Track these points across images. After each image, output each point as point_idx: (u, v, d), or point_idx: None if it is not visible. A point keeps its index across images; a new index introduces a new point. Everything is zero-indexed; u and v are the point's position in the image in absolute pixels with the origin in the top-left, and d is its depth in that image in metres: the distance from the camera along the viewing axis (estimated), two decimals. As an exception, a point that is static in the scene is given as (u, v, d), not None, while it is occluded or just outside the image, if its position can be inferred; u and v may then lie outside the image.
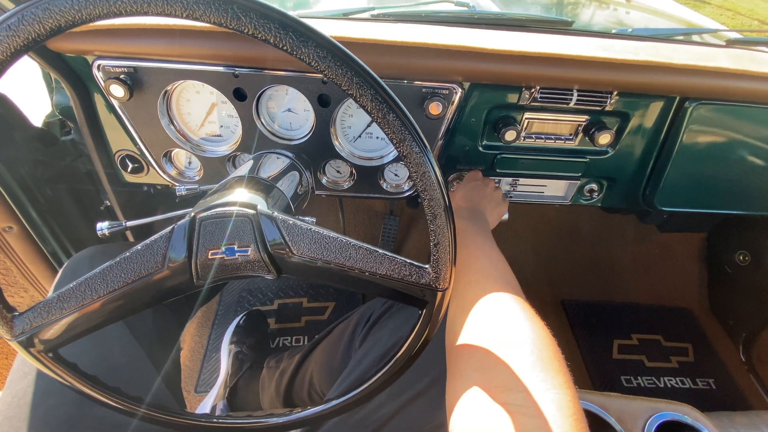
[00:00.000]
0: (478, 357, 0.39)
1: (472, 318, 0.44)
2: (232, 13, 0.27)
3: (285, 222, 0.41)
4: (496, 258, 0.53)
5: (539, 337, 0.39)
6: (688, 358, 1.26)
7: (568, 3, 1.46)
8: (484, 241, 0.57)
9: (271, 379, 0.86)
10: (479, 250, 0.54)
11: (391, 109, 0.32)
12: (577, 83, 0.64)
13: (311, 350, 0.81)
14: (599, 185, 0.83)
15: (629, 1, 1.54)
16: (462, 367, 0.40)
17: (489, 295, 0.45)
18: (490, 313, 0.43)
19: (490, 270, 0.50)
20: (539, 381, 0.34)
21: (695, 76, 0.61)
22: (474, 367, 0.38)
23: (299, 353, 0.84)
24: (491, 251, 0.55)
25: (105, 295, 0.40)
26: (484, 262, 0.52)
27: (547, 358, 0.36)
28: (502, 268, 0.52)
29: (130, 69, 0.61)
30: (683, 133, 0.70)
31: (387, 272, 0.40)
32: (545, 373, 0.35)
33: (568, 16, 1.26)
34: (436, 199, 0.35)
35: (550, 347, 0.38)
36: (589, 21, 1.20)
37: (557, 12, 1.29)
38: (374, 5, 0.78)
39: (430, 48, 0.60)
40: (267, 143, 0.70)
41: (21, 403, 0.46)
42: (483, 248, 0.55)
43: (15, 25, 0.28)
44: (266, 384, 0.87)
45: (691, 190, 0.79)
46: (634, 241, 1.47)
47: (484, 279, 0.48)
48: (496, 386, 0.35)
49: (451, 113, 0.67)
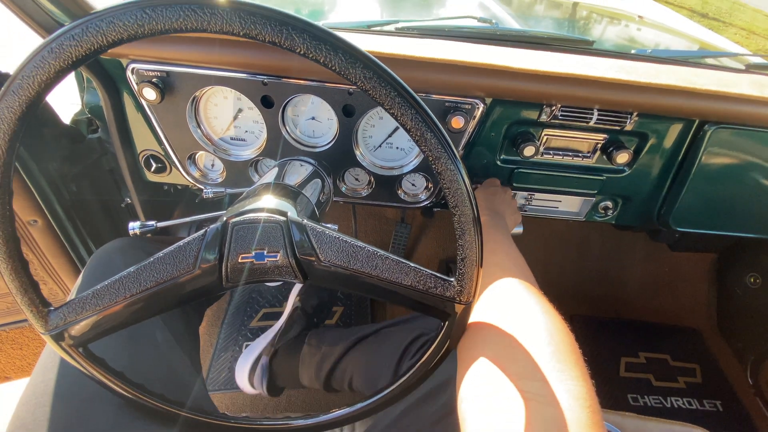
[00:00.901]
0: (493, 344, 0.39)
1: (489, 307, 0.44)
2: (286, 34, 0.29)
3: (314, 229, 0.43)
4: (514, 254, 0.54)
5: (557, 330, 0.38)
6: (695, 379, 1.25)
7: (585, 21, 1.48)
8: (503, 237, 0.58)
9: (311, 357, 0.87)
10: (498, 245, 0.55)
11: (430, 128, 0.33)
12: (598, 103, 0.65)
13: (354, 344, 0.82)
14: (614, 203, 0.84)
15: (642, 19, 1.56)
16: (475, 354, 0.39)
17: (506, 288, 0.45)
18: (507, 304, 0.44)
19: (509, 264, 0.51)
20: (556, 371, 0.33)
21: (717, 101, 0.62)
22: (489, 354, 0.38)
23: (341, 344, 0.84)
24: (510, 247, 0.56)
25: (137, 293, 0.42)
26: (502, 257, 0.52)
27: (565, 350, 0.36)
28: (520, 264, 0.52)
29: (162, 73, 0.63)
30: (701, 156, 0.70)
31: (412, 283, 0.41)
32: (562, 364, 0.34)
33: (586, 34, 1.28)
34: (467, 215, 0.36)
35: (567, 340, 0.38)
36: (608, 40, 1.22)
37: (574, 30, 1.30)
38: (398, 18, 0.80)
39: (454, 64, 0.61)
40: (289, 149, 0.72)
41: (46, 393, 0.47)
42: (502, 244, 0.56)
43: (79, 36, 0.30)
44: (306, 361, 0.88)
45: (706, 211, 0.79)
46: (644, 258, 1.46)
47: (501, 271, 0.49)
48: (512, 374, 0.34)
49: (472, 127, 0.68)
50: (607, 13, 1.59)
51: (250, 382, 0.91)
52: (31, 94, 0.31)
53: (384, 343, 0.77)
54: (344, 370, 0.82)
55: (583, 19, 1.50)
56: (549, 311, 0.41)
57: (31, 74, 0.30)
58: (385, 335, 0.80)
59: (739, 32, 6.19)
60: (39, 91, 0.31)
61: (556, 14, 1.53)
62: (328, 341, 0.88)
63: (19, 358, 0.99)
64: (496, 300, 0.45)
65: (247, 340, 1.17)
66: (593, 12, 1.57)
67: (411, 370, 0.46)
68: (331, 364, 0.83)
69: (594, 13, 1.56)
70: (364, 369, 0.78)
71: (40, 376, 0.49)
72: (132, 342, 0.53)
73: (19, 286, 0.39)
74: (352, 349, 0.83)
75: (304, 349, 0.90)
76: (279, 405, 1.04)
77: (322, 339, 0.90)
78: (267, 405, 1.04)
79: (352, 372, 0.80)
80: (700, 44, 1.26)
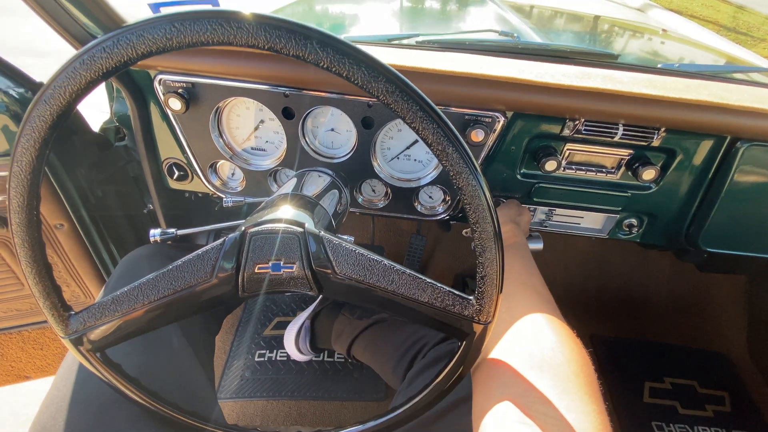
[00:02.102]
0: (509, 374, 0.38)
1: (506, 329, 0.43)
2: (311, 48, 0.29)
3: (330, 242, 0.42)
4: (533, 271, 0.55)
5: (574, 360, 0.38)
6: (724, 408, 1.18)
7: (607, 34, 1.46)
8: (523, 254, 0.58)
9: (343, 327, 1.01)
10: (516, 261, 0.56)
11: (452, 143, 0.32)
12: (623, 118, 0.63)
13: (372, 324, 0.96)
14: (639, 220, 0.81)
15: (665, 32, 1.52)
16: (491, 385, 0.39)
17: (524, 307, 0.45)
18: (524, 328, 0.43)
19: (530, 281, 0.51)
20: (568, 408, 0.33)
21: (749, 118, 0.60)
22: (505, 384, 0.38)
23: (364, 321, 0.98)
24: (529, 265, 0.56)
25: (155, 300, 0.42)
26: (522, 274, 0.53)
27: (582, 383, 0.36)
28: (538, 281, 0.52)
29: (188, 84, 0.65)
30: (733, 174, 0.67)
31: (429, 300, 0.40)
32: (576, 400, 0.34)
33: (609, 47, 1.26)
34: (488, 232, 0.35)
35: (584, 369, 0.37)
36: (633, 54, 1.19)
37: (597, 43, 1.29)
38: (418, 32, 0.81)
39: (475, 77, 0.61)
40: (308, 160, 0.72)
41: (66, 398, 0.48)
42: (522, 259, 0.57)
43: (110, 48, 0.31)
44: (338, 329, 1.02)
45: (738, 232, 0.76)
46: (670, 278, 1.41)
47: (520, 288, 0.49)
48: (525, 406, 0.34)
49: (492, 141, 0.67)
50: (630, 27, 1.57)
51: (296, 345, 1.05)
52: (62, 103, 0.32)
53: (395, 334, 0.89)
54: (361, 346, 0.96)
55: (605, 33, 1.48)
56: (566, 336, 0.41)
57: (63, 84, 0.31)
58: (396, 325, 0.91)
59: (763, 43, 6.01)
60: (70, 101, 0.32)
61: (577, 28, 1.52)
62: (357, 315, 1.00)
63: (40, 358, 1.02)
64: (512, 321, 0.44)
65: (260, 348, 1.17)
66: (615, 25, 1.55)
67: (425, 390, 0.44)
68: (352, 337, 0.97)
69: (616, 27, 1.54)
70: (374, 350, 0.93)
71: (62, 380, 0.50)
72: (149, 348, 0.54)
73: (42, 290, 0.40)
74: (369, 328, 0.96)
75: (339, 318, 1.03)
76: (289, 416, 1.03)
77: (353, 312, 1.02)
78: (278, 415, 1.03)
79: (366, 348, 0.95)
80: (728, 58, 1.22)
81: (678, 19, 6.26)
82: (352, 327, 0.99)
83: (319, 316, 1.07)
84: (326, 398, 1.05)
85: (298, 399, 1.04)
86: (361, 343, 0.97)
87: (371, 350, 0.94)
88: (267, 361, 1.13)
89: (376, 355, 0.92)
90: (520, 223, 0.72)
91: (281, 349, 1.15)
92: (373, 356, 0.93)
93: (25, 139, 0.33)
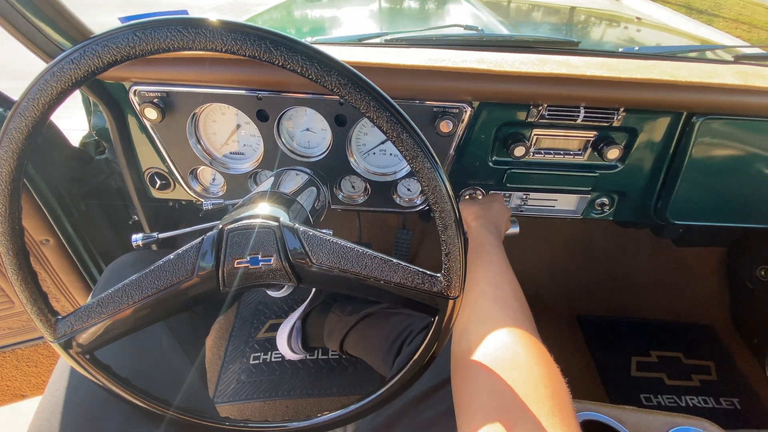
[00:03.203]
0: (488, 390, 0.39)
1: (483, 339, 0.43)
2: (264, 48, 0.31)
3: (305, 233, 0.44)
4: (508, 274, 0.55)
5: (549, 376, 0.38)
6: (710, 377, 1.23)
7: (578, 23, 1.50)
8: (498, 254, 0.59)
9: (334, 324, 1.03)
10: (491, 264, 0.56)
11: (405, 128, 0.35)
12: (583, 101, 0.66)
13: (362, 319, 0.97)
14: (610, 199, 0.84)
15: (640, 20, 1.57)
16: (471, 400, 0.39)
17: (501, 316, 0.46)
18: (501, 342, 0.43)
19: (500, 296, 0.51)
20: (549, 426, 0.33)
21: (700, 93, 0.63)
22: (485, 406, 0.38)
23: (354, 316, 0.99)
24: (503, 265, 0.57)
25: (139, 300, 0.44)
26: (495, 276, 0.54)
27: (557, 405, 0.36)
28: (513, 285, 0.52)
29: (163, 93, 0.66)
30: (692, 147, 0.71)
31: (401, 280, 0.42)
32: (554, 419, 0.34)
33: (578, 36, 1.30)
34: (447, 211, 0.38)
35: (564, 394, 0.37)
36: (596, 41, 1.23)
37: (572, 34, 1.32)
38: (387, 31, 0.83)
39: (440, 71, 0.63)
40: (287, 161, 0.74)
41: (60, 402, 0.49)
42: (497, 261, 0.57)
43: (77, 59, 0.33)
44: (329, 326, 1.04)
45: (704, 203, 0.79)
46: (650, 256, 1.45)
47: (493, 290, 0.50)
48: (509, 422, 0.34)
49: (461, 130, 0.70)
50: (606, 16, 1.61)
51: (289, 345, 1.08)
52: (36, 114, 0.34)
53: (384, 325, 0.91)
54: (353, 340, 0.98)
55: (581, 23, 1.52)
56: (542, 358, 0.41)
57: (36, 96, 0.33)
58: (385, 317, 0.93)
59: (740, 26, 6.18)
60: (44, 111, 0.34)
61: (553, 20, 1.56)
62: (347, 312, 1.02)
63: (34, 376, 1.02)
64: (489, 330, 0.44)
65: (255, 351, 1.18)
66: (592, 15, 1.60)
67: (405, 367, 0.47)
68: (343, 333, 0.99)
69: (593, 17, 1.58)
70: (366, 343, 0.95)
71: (55, 385, 0.52)
72: (139, 350, 0.55)
73: (29, 296, 0.42)
74: (359, 323, 0.97)
75: (330, 316, 1.05)
76: (287, 415, 1.04)
77: (343, 310, 1.04)
78: (275, 414, 1.04)
79: (358, 342, 0.97)
80: (699, 41, 1.27)
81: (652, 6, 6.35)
82: (343, 323, 1.01)
83: (310, 316, 1.09)
84: (322, 394, 1.07)
85: (294, 397, 1.06)
86: (352, 337, 0.99)
87: (363, 344, 0.96)
88: (262, 363, 1.14)
89: (367, 348, 0.94)
90: (489, 216, 0.71)
91: (275, 351, 1.16)
92: (365, 350, 0.95)
93: (3, 150, 0.35)
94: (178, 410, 0.50)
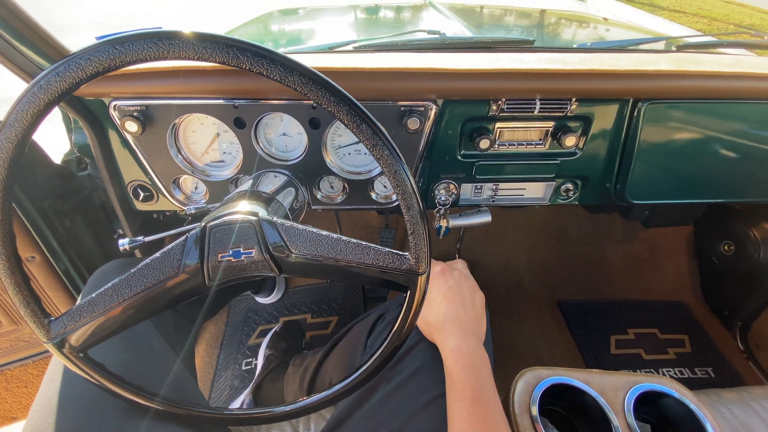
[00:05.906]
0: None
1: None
2: (233, 54, 0.35)
3: (283, 225, 0.48)
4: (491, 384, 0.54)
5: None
6: (685, 349, 1.29)
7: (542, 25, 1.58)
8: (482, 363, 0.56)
9: (295, 375, 0.91)
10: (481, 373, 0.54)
11: (364, 120, 0.39)
12: (538, 93, 0.72)
13: (332, 348, 0.85)
14: (574, 184, 0.90)
15: (607, 20, 1.67)
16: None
17: None
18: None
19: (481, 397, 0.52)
20: None
21: (639, 80, 0.69)
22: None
23: (321, 351, 0.88)
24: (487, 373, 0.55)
25: (129, 298, 0.46)
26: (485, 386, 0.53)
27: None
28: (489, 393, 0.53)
29: (142, 107, 0.69)
30: (641, 131, 0.77)
31: (373, 261, 0.46)
32: None
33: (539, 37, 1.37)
34: (408, 193, 0.42)
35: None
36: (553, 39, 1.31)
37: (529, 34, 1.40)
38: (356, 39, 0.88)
39: (405, 72, 0.68)
40: (266, 165, 0.78)
41: (53, 401, 0.51)
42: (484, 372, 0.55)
43: (62, 72, 0.36)
44: (290, 380, 0.92)
45: (658, 182, 0.85)
46: (623, 239, 1.52)
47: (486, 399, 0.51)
48: None
49: (428, 127, 0.74)
50: (575, 18, 1.70)
51: None
52: (25, 125, 0.37)
53: (353, 336, 0.80)
54: (324, 374, 0.84)
55: (546, 25, 1.60)
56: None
57: (24, 108, 0.36)
58: (354, 330, 0.81)
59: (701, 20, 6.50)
60: (32, 121, 0.37)
61: (524, 23, 1.63)
62: (310, 355, 0.92)
63: (25, 396, 1.02)
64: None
65: (247, 357, 1.20)
66: (562, 18, 1.68)
67: (383, 344, 0.50)
68: (311, 374, 0.86)
69: (563, 19, 1.67)
70: (339, 363, 0.81)
71: (48, 386, 0.53)
72: (130, 349, 0.57)
73: (23, 299, 0.44)
74: (329, 355, 0.85)
75: (288, 371, 0.95)
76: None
77: (304, 357, 0.94)
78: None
79: (331, 374, 0.82)
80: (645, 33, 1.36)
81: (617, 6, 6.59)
82: (305, 369, 0.90)
83: (262, 387, 1.00)
84: (315, 393, 1.09)
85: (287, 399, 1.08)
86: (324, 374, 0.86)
87: (338, 370, 0.82)
88: (254, 369, 1.16)
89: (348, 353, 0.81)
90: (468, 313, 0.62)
91: (267, 355, 1.18)
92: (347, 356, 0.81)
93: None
94: (172, 403, 0.52)
